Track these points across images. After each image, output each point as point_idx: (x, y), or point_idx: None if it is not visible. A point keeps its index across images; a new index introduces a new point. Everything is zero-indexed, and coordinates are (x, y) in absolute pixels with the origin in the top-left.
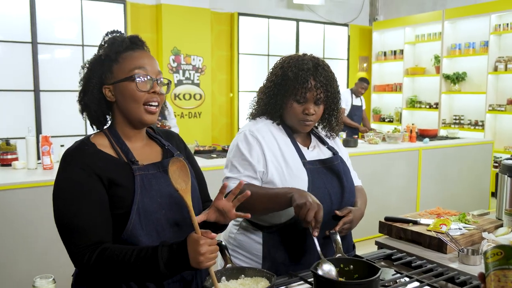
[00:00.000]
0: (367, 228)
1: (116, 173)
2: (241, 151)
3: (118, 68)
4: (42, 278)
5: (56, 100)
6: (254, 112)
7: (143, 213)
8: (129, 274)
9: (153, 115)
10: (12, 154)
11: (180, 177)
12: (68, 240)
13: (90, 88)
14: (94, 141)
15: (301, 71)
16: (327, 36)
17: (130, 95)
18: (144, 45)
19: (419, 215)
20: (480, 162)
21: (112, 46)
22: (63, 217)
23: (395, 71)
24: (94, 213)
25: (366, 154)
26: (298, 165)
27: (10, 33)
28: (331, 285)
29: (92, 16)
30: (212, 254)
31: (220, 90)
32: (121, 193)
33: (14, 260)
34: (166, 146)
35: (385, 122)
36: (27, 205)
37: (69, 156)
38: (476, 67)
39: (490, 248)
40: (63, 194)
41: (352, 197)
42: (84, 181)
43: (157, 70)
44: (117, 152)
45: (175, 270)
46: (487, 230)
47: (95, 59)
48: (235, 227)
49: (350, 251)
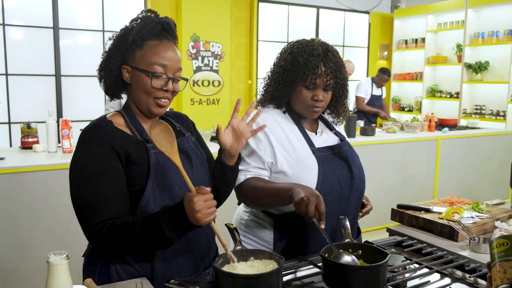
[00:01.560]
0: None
1: (132, 150)
2: (248, 143)
3: (140, 54)
4: (56, 255)
5: (77, 85)
6: (263, 99)
7: (158, 190)
8: (138, 243)
9: (162, 108)
10: (33, 137)
11: (164, 138)
12: (84, 217)
13: (110, 64)
14: (111, 119)
15: (311, 56)
16: (347, 23)
17: (143, 87)
18: (174, 34)
19: (432, 203)
20: (501, 153)
21: (141, 30)
22: (79, 194)
23: (416, 60)
24: (111, 189)
25: (383, 143)
26: (307, 153)
27: (32, 18)
28: (339, 269)
29: (113, 2)
30: (209, 209)
31: (238, 77)
32: (137, 170)
33: (33, 239)
34: (178, 127)
35: (404, 111)
36: (46, 187)
37: (86, 134)
38: (499, 56)
39: (496, 238)
40: (80, 171)
41: (362, 183)
42: (101, 158)
43: (177, 67)
44: (132, 131)
45: (179, 231)
46: (500, 219)
47: (122, 36)
48: (246, 214)
49: (358, 234)
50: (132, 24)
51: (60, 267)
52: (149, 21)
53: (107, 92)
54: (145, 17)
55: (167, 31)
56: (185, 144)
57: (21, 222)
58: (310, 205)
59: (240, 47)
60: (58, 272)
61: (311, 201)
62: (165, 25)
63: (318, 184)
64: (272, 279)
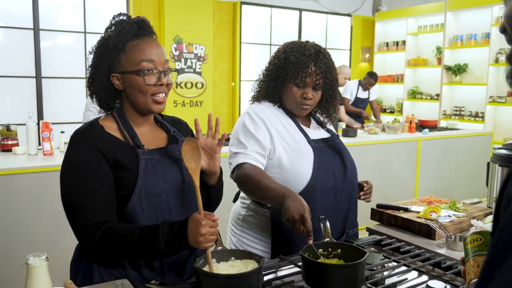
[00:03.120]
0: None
1: (121, 155)
2: (247, 128)
3: (125, 58)
4: (35, 256)
5: (58, 87)
6: (256, 95)
7: (144, 196)
8: (131, 251)
9: (160, 104)
10: (12, 139)
11: (192, 157)
12: (74, 219)
13: (99, 77)
14: (102, 124)
15: (302, 56)
16: (329, 26)
17: (138, 88)
18: (151, 29)
19: (411, 203)
20: (479, 153)
21: (119, 34)
22: (70, 196)
23: (397, 62)
24: (100, 192)
25: (365, 144)
26: (304, 142)
27: (12, 19)
28: (318, 268)
29: (94, 3)
30: (212, 236)
31: (221, 79)
32: (125, 174)
33: (14, 244)
34: (172, 132)
35: (386, 112)
36: (26, 190)
37: (77, 137)
38: (477, 58)
39: (469, 234)
40: (70, 173)
41: (354, 174)
42: (91, 161)
43: (164, 59)
44: (124, 136)
45: (175, 249)
46: (476, 218)
47: (102, 46)
48: (243, 209)
49: (355, 226)
50: (108, 32)
51: (40, 269)
52: (124, 24)
53: (101, 106)
54: (118, 22)
55: (143, 28)
56: (176, 151)
57: (0, 226)
58: (297, 224)
59: (223, 49)
60: (37, 274)
61: (297, 221)
62: (140, 23)
63: (313, 173)
64: (252, 278)
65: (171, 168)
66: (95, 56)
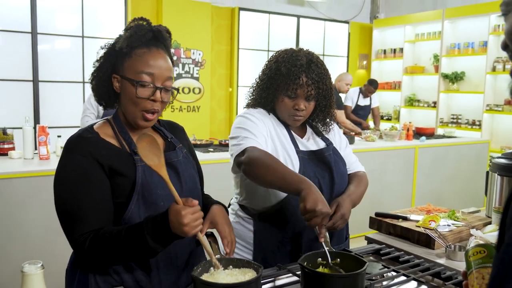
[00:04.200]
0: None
1: (118, 162)
2: (250, 120)
3: (129, 63)
4: (30, 264)
5: (55, 91)
6: (251, 103)
7: (142, 204)
8: (122, 253)
9: (148, 122)
10: (8, 143)
11: (151, 152)
12: (69, 227)
13: (101, 74)
14: (97, 130)
15: (293, 67)
16: (327, 33)
17: (130, 97)
18: (166, 43)
19: (409, 211)
20: (476, 161)
21: (130, 39)
22: (64, 204)
23: (394, 69)
24: (96, 200)
25: (362, 151)
26: (292, 151)
27: (10, 22)
28: (317, 278)
29: (92, 8)
30: (197, 221)
31: (219, 84)
32: (122, 182)
33: (9, 249)
34: (169, 138)
35: (383, 120)
36: (22, 195)
37: (71, 144)
38: (474, 67)
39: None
40: (65, 181)
41: (343, 187)
42: (86, 168)
43: (166, 76)
44: (120, 142)
45: (163, 241)
46: (475, 227)
47: (113, 45)
48: (231, 216)
49: (342, 242)
50: (123, 32)
51: (35, 277)
52: (139, 29)
53: (99, 102)
54: (136, 25)
55: (158, 39)
56: (174, 158)
57: None
58: (317, 218)
59: (221, 55)
60: (32, 282)
61: (319, 213)
62: (157, 33)
63: None
64: (251, 287)
65: (169, 175)
66: (103, 53)
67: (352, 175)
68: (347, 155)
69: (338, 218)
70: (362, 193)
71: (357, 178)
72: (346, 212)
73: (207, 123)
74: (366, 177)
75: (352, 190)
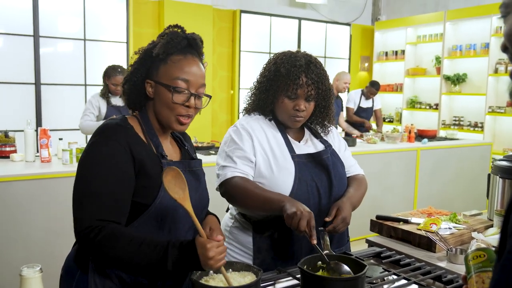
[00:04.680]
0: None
1: (148, 161)
2: (234, 140)
3: (164, 69)
4: (29, 268)
5: (57, 94)
6: (248, 107)
7: (162, 208)
8: (133, 263)
9: (183, 125)
10: (10, 146)
11: (177, 185)
12: (83, 209)
13: (134, 78)
14: (132, 124)
15: (293, 67)
16: (329, 35)
17: (165, 102)
18: (200, 49)
19: (411, 214)
20: (478, 164)
21: (166, 45)
22: (84, 185)
23: (396, 71)
24: (119, 189)
25: (364, 153)
26: (286, 157)
27: (12, 26)
28: (317, 281)
29: (94, 11)
30: (221, 255)
31: (221, 86)
32: (147, 183)
33: (10, 251)
34: (186, 146)
35: (385, 122)
36: (24, 198)
37: (110, 130)
38: (476, 68)
39: (471, 251)
40: (95, 163)
41: (342, 190)
42: (121, 156)
43: (200, 83)
44: (148, 143)
45: (182, 269)
46: (477, 230)
47: (148, 50)
48: (230, 220)
49: (343, 244)
50: (159, 39)
51: (33, 281)
52: (175, 36)
53: (129, 106)
54: (171, 32)
55: (193, 46)
56: (198, 167)
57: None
58: (302, 220)
59: (223, 57)
60: (31, 286)
61: (304, 216)
62: (191, 40)
63: (293, 189)
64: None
65: (191, 183)
66: (138, 58)
67: (351, 178)
68: (346, 158)
69: (339, 222)
70: (362, 196)
71: (357, 181)
72: (347, 216)
73: (208, 126)
74: (365, 180)
75: (352, 193)
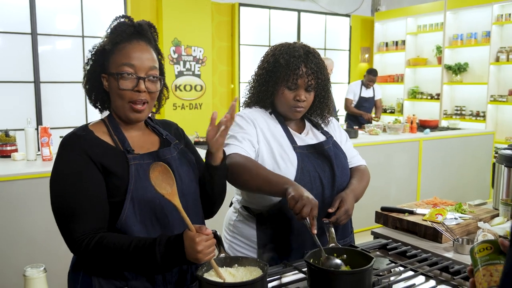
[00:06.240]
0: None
1: (111, 161)
2: (239, 124)
3: (112, 59)
4: (32, 268)
5: (56, 92)
6: (248, 101)
7: (137, 202)
8: (126, 264)
9: (139, 113)
10: (11, 145)
11: (164, 181)
12: (66, 227)
13: (92, 75)
14: (92, 129)
15: (292, 57)
16: (328, 27)
17: (115, 91)
18: (148, 33)
19: (416, 205)
20: (481, 153)
21: (111, 36)
22: (61, 204)
23: (397, 62)
24: (92, 199)
25: (366, 145)
26: (288, 148)
27: (10, 24)
28: (324, 275)
29: (92, 7)
30: (210, 249)
31: (221, 81)
32: (116, 181)
33: (12, 251)
34: (164, 135)
35: (386, 113)
36: (26, 197)
37: (66, 142)
38: (478, 57)
39: (477, 243)
40: (61, 180)
41: (345, 180)
42: (82, 167)
43: (148, 66)
44: (114, 141)
45: (172, 265)
46: (483, 220)
47: (100, 47)
48: (234, 214)
49: (347, 235)
50: (105, 32)
51: (37, 281)
52: (120, 25)
53: (95, 106)
54: (117, 23)
55: (140, 33)
56: (167, 155)
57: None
58: (306, 206)
59: (222, 51)
60: (35, 286)
61: (308, 202)
62: (138, 27)
63: (296, 179)
64: (257, 286)
65: None
66: (91, 55)
67: (353, 169)
68: (347, 149)
69: (342, 213)
70: (365, 187)
71: (359, 172)
72: (350, 207)
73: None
74: (367, 170)
75: (355, 185)
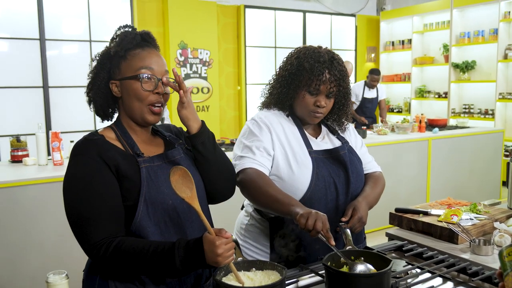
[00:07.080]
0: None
1: (123, 164)
2: (253, 132)
3: (125, 65)
4: (55, 274)
5: (65, 96)
6: (266, 101)
7: (150, 204)
8: (145, 269)
9: (156, 115)
10: (22, 150)
11: (184, 184)
12: (82, 234)
13: (98, 82)
14: (102, 133)
15: (317, 63)
16: (334, 27)
17: (135, 94)
18: (154, 42)
19: (430, 206)
20: (491, 151)
21: (122, 42)
22: (75, 210)
23: (403, 61)
24: (107, 204)
25: (375, 145)
26: (304, 152)
27: (18, 30)
28: (342, 278)
29: (99, 12)
30: (229, 252)
31: (227, 83)
32: (128, 185)
33: (26, 256)
34: (167, 137)
35: (394, 112)
36: (38, 201)
37: (78, 148)
38: (485, 55)
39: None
40: (75, 187)
41: (360, 186)
42: (95, 171)
43: (164, 70)
44: (123, 145)
45: (192, 268)
46: (498, 220)
47: (105, 53)
48: (246, 218)
49: (360, 242)
50: (112, 41)
51: (60, 287)
52: (128, 33)
53: (98, 113)
54: (123, 32)
55: (146, 40)
56: (176, 155)
57: (12, 238)
58: (318, 221)
59: (228, 53)
60: None
61: (318, 217)
62: (144, 35)
63: (311, 184)
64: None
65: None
66: (96, 63)
67: (368, 175)
68: (362, 155)
69: (356, 222)
70: (379, 194)
71: (373, 179)
72: (364, 215)
73: (217, 123)
74: (382, 177)
75: (368, 192)
